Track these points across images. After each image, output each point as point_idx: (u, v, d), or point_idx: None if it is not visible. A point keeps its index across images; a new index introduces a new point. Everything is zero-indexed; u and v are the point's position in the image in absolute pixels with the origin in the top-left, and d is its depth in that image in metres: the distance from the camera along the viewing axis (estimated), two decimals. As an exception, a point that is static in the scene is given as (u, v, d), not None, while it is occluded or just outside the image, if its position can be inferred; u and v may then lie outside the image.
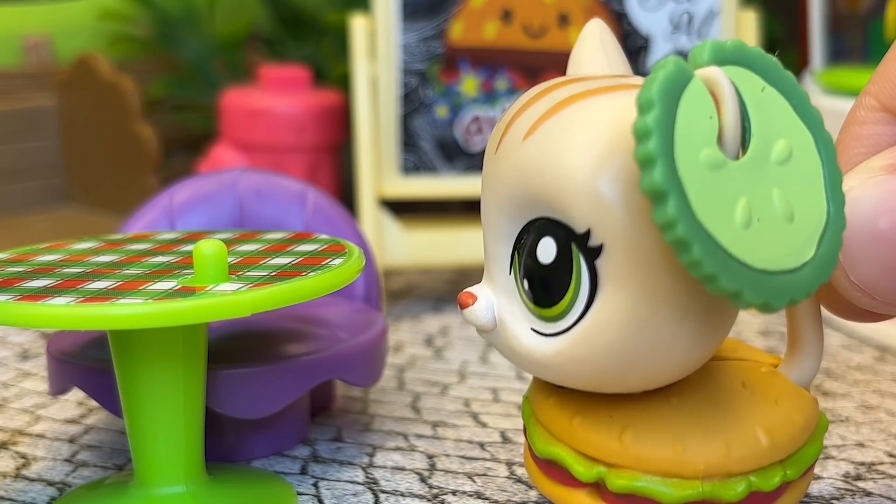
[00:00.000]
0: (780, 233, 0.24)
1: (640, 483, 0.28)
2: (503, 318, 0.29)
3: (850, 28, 0.59)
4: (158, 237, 0.36)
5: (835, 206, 0.25)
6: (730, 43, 0.25)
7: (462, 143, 0.53)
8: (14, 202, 0.73)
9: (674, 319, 0.26)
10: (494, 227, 0.28)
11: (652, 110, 0.23)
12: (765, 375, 0.30)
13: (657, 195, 0.23)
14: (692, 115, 0.24)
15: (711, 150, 0.24)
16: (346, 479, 0.35)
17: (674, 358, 0.27)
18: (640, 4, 0.53)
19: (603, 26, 0.31)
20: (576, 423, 0.29)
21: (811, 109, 0.26)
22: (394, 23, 0.52)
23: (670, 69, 0.24)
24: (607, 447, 0.28)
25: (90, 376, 0.35)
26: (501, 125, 0.28)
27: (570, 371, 0.28)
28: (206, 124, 0.71)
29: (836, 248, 0.25)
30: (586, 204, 0.26)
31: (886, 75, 0.28)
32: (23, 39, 0.77)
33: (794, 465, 0.29)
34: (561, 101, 0.27)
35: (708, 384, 0.29)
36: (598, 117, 0.26)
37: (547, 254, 0.27)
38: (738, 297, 0.24)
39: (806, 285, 0.25)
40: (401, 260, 0.53)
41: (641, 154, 0.23)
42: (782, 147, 0.25)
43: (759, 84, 0.25)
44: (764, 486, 0.28)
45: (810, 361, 0.30)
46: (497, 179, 0.28)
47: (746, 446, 0.28)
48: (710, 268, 0.23)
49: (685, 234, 0.23)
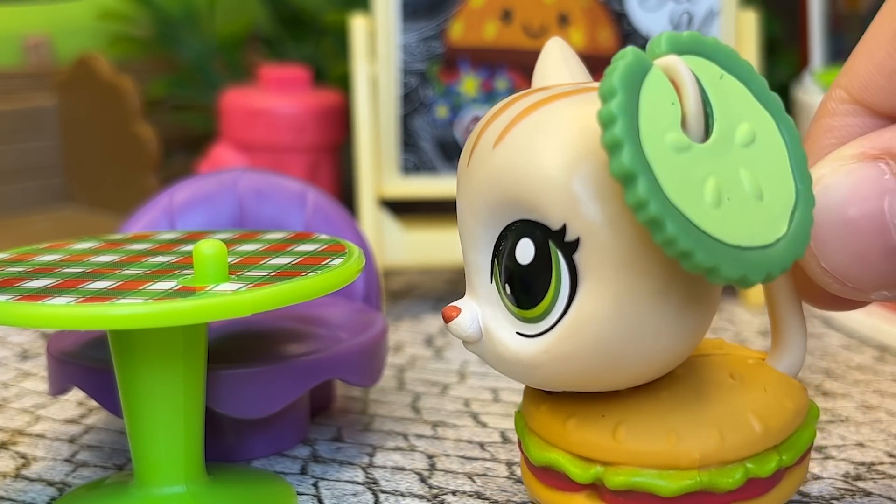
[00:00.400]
0: (751, 210, 0.25)
1: (637, 478, 0.28)
2: (488, 327, 0.29)
3: (850, 28, 0.59)
4: (158, 237, 0.36)
5: (802, 184, 0.26)
6: (685, 34, 0.26)
7: (462, 143, 0.53)
8: (14, 202, 0.73)
9: (656, 306, 0.26)
10: (472, 238, 0.29)
11: (615, 97, 0.24)
12: (752, 366, 0.30)
13: (627, 177, 0.24)
14: (654, 101, 0.24)
15: (676, 134, 0.25)
16: (346, 479, 0.35)
17: (660, 347, 0.27)
18: (640, 4, 0.53)
19: (563, 44, 0.31)
20: (569, 425, 0.29)
21: (770, 95, 0.26)
22: (394, 23, 0.52)
23: (629, 59, 0.24)
24: (602, 446, 0.28)
25: (90, 376, 0.35)
26: (471, 139, 0.29)
27: (558, 369, 0.28)
28: (206, 124, 0.71)
29: (807, 223, 0.26)
30: (560, 199, 0.26)
31: (856, 69, 0.28)
32: (23, 39, 0.77)
33: (790, 450, 0.29)
34: (528, 107, 0.27)
35: (696, 377, 0.30)
36: (564, 117, 0.27)
37: (525, 254, 0.27)
38: (716, 272, 0.24)
39: (781, 260, 0.25)
40: (401, 260, 0.53)
41: (608, 139, 0.24)
42: (745, 130, 0.26)
43: (717, 72, 0.26)
44: (761, 472, 0.28)
45: (796, 351, 0.30)
46: (471, 190, 0.28)
47: (740, 433, 0.28)
48: (684, 244, 0.24)
49: (657, 212, 0.24)
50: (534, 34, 0.52)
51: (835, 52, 0.59)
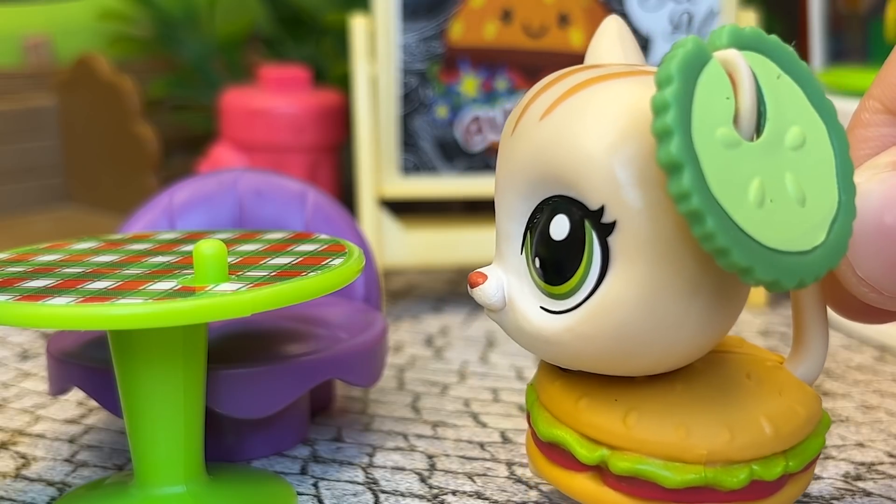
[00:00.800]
0: (792, 215, 0.25)
1: (642, 466, 0.28)
2: (513, 297, 0.29)
3: (850, 28, 0.59)
4: (158, 237, 0.36)
5: (846, 195, 0.26)
6: (748, 29, 0.26)
7: (462, 143, 0.53)
8: (14, 202, 0.73)
9: (684, 297, 0.26)
10: (508, 206, 0.29)
11: (671, 85, 0.24)
12: (769, 369, 0.30)
13: (673, 167, 0.23)
14: (709, 94, 0.24)
15: (727, 129, 0.24)
16: (346, 479, 0.35)
17: (683, 337, 0.27)
18: (640, 4, 0.53)
19: (621, 23, 0.31)
20: (581, 405, 0.29)
21: (825, 100, 0.26)
22: (394, 23, 0.52)
23: (689, 48, 0.24)
24: (611, 430, 0.28)
25: (90, 376, 0.35)
26: (518, 108, 0.28)
27: (579, 348, 0.28)
28: (206, 124, 0.71)
29: (846, 234, 0.26)
30: (601, 180, 0.26)
31: (889, 79, 0.28)
32: (23, 39, 0.77)
33: (797, 457, 0.29)
34: (579, 84, 0.27)
35: (713, 373, 0.29)
36: (614, 97, 0.27)
37: (560, 230, 0.27)
38: (750, 273, 0.24)
39: (815, 268, 0.25)
40: (401, 260, 0.53)
41: (659, 126, 0.24)
42: (796, 133, 0.25)
43: (775, 71, 0.26)
44: (766, 476, 0.28)
45: (815, 360, 0.30)
46: (513, 159, 0.28)
47: (750, 434, 0.28)
48: (722, 241, 0.24)
49: (699, 205, 0.23)
50: (534, 34, 0.52)
51: (835, 52, 0.59)
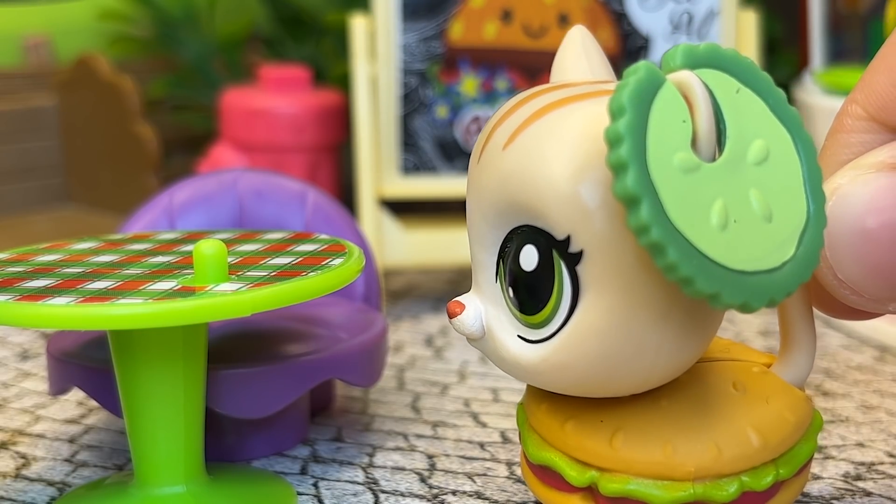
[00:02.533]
0: (759, 233, 0.25)
1: (631, 486, 0.28)
2: (491, 326, 0.29)
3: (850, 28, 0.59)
4: (158, 237, 0.36)
5: (815, 204, 0.25)
6: (702, 46, 0.25)
7: (462, 143, 0.53)
8: (14, 202, 0.73)
9: (657, 322, 0.26)
10: (479, 235, 0.29)
11: (623, 116, 0.23)
12: (756, 375, 0.30)
13: (630, 200, 0.23)
14: (665, 119, 0.24)
15: (685, 154, 0.24)
16: (346, 479, 0.35)
17: (660, 361, 0.27)
18: (640, 4, 0.53)
19: (585, 32, 0.31)
20: (567, 428, 0.29)
21: (788, 109, 0.26)
22: (394, 23, 0.52)
23: (641, 75, 0.24)
24: (598, 451, 0.28)
25: (90, 376, 0.35)
26: (483, 135, 0.28)
27: (557, 377, 0.28)
28: (206, 124, 0.71)
29: (817, 246, 0.25)
30: (565, 210, 0.26)
31: (873, 85, 0.28)
32: (23, 39, 0.77)
33: (787, 464, 0.29)
34: (539, 110, 0.27)
35: (698, 385, 0.29)
36: (575, 124, 0.26)
37: (529, 261, 0.27)
38: (717, 299, 0.24)
39: (786, 284, 0.25)
40: (401, 260, 0.53)
41: (614, 160, 0.23)
42: (759, 147, 0.25)
43: (734, 86, 0.25)
44: (756, 486, 0.28)
45: (803, 360, 0.30)
46: (480, 188, 0.28)
47: (737, 447, 0.28)
48: (686, 270, 0.23)
49: (659, 237, 0.23)
50: (534, 34, 0.52)
51: (835, 52, 0.59)
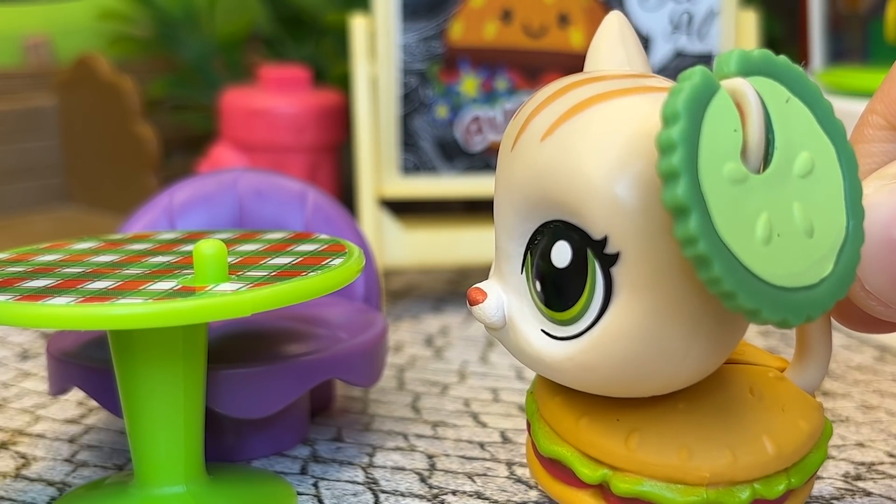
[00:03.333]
0: (800, 248, 0.24)
1: (644, 487, 0.28)
2: (513, 318, 0.28)
3: (850, 28, 0.59)
4: (158, 237, 0.36)
5: (854, 220, 0.25)
6: (756, 53, 0.25)
7: (462, 143, 0.53)
8: (14, 202, 0.73)
9: (688, 330, 0.26)
10: (507, 225, 0.28)
11: (677, 123, 0.23)
12: (772, 381, 0.30)
13: (680, 210, 0.23)
14: (717, 127, 0.23)
15: (735, 164, 0.24)
16: (346, 479, 0.35)
17: (686, 367, 0.27)
18: (640, 4, 0.53)
19: (623, 19, 0.30)
20: (582, 424, 0.29)
21: (835, 121, 0.25)
22: (394, 23, 0.52)
23: (696, 80, 0.23)
24: (613, 451, 0.28)
25: (90, 376, 0.35)
26: (518, 122, 0.27)
27: (581, 376, 0.27)
28: (206, 124, 0.71)
29: (853, 263, 0.25)
30: (604, 210, 0.25)
31: (892, 95, 0.27)
32: (23, 39, 0.77)
33: (799, 472, 0.29)
34: (581, 102, 0.26)
35: (716, 390, 0.29)
36: (618, 121, 0.26)
37: (561, 258, 0.27)
38: (757, 315, 0.23)
39: (823, 301, 0.24)
40: (401, 260, 0.53)
41: (665, 168, 0.23)
42: (805, 160, 0.25)
43: (784, 95, 0.25)
44: (768, 494, 0.28)
45: (817, 368, 0.30)
46: (512, 178, 0.27)
47: (752, 455, 0.28)
48: (729, 285, 0.23)
49: (707, 250, 0.23)
50: (534, 34, 0.52)
51: (835, 52, 0.59)
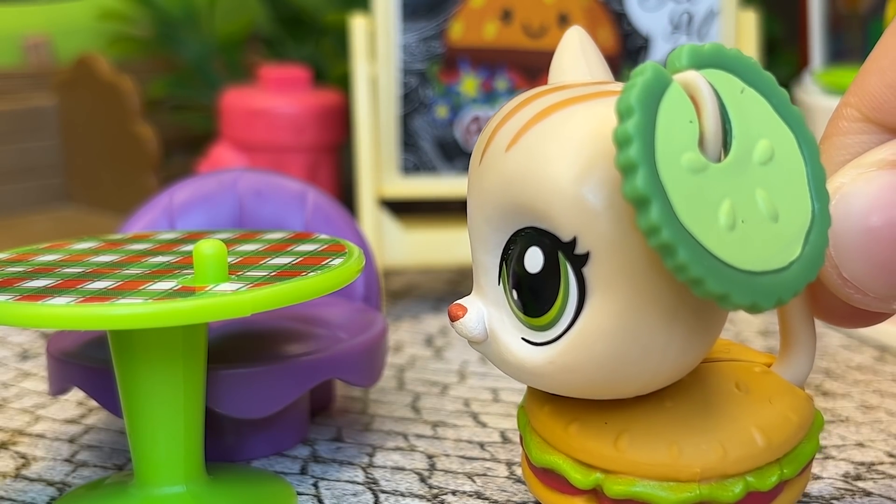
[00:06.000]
0: (766, 233, 0.25)
1: (637, 488, 0.28)
2: (494, 329, 0.28)
3: (850, 28, 0.59)
4: (158, 237, 0.36)
5: (819, 203, 0.25)
6: (707, 46, 0.25)
7: (462, 143, 0.53)
8: (14, 202, 0.73)
9: (664, 323, 0.26)
10: (482, 238, 0.28)
11: (632, 116, 0.23)
12: (758, 375, 0.30)
13: (640, 201, 0.23)
14: (672, 119, 0.24)
15: (693, 154, 0.24)
16: (346, 479, 0.35)
17: (667, 362, 0.27)
18: (639, 4, 0.53)
19: (583, 33, 0.30)
20: (571, 430, 0.29)
21: (792, 108, 0.26)
22: (394, 23, 0.52)
23: (648, 75, 0.24)
24: (603, 454, 0.28)
25: (90, 376, 0.35)
26: (484, 136, 0.28)
27: (563, 379, 0.28)
28: (206, 124, 0.71)
29: (822, 245, 0.25)
30: (571, 212, 0.26)
31: (865, 87, 0.28)
32: (23, 39, 0.77)
33: (791, 463, 0.29)
34: (542, 111, 0.27)
35: (701, 386, 0.29)
36: (579, 125, 0.26)
37: (534, 263, 0.27)
38: (726, 300, 0.24)
39: (793, 284, 0.25)
40: (401, 260, 0.53)
41: (623, 161, 0.23)
42: (764, 147, 0.25)
43: (739, 86, 0.25)
44: (761, 486, 0.28)
45: (803, 360, 0.30)
46: (482, 190, 0.28)
47: (742, 447, 0.28)
48: (696, 271, 0.23)
49: (670, 238, 0.23)
50: (534, 34, 0.52)
51: (835, 52, 0.59)
